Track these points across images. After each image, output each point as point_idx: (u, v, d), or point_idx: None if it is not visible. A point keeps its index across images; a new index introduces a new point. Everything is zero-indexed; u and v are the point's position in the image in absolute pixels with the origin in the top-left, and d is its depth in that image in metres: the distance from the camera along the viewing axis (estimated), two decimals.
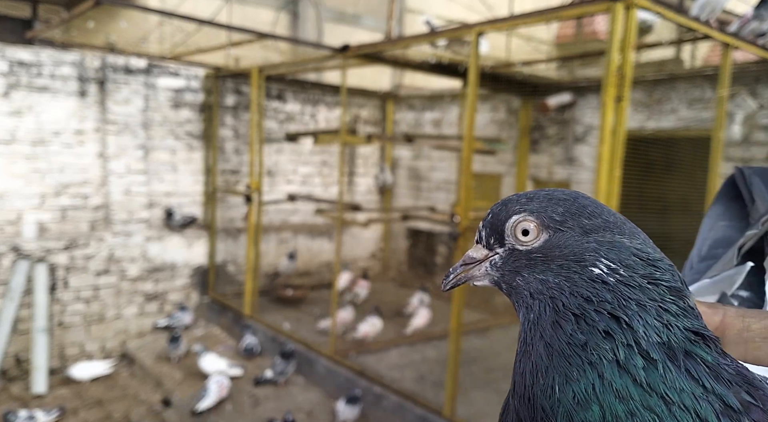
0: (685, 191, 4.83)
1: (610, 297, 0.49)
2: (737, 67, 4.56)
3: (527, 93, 6.39)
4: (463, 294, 4.23)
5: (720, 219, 0.86)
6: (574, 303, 0.49)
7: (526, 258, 0.55)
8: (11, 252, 5.58)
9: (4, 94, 5.57)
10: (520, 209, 0.56)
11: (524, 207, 0.56)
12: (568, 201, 0.56)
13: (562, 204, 0.55)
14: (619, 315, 0.48)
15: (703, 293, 0.73)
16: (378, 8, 9.39)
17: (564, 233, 0.54)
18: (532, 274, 0.54)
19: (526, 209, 0.56)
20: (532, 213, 0.55)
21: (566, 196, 0.56)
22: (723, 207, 0.87)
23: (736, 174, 0.86)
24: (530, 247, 0.55)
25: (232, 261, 7.17)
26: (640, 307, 0.48)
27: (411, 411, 4.39)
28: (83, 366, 5.59)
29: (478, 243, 0.60)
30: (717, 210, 0.88)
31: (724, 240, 0.83)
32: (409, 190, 8.30)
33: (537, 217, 0.55)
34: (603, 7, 3.17)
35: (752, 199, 0.83)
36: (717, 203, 0.88)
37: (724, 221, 0.86)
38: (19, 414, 4.63)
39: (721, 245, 0.83)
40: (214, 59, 6.84)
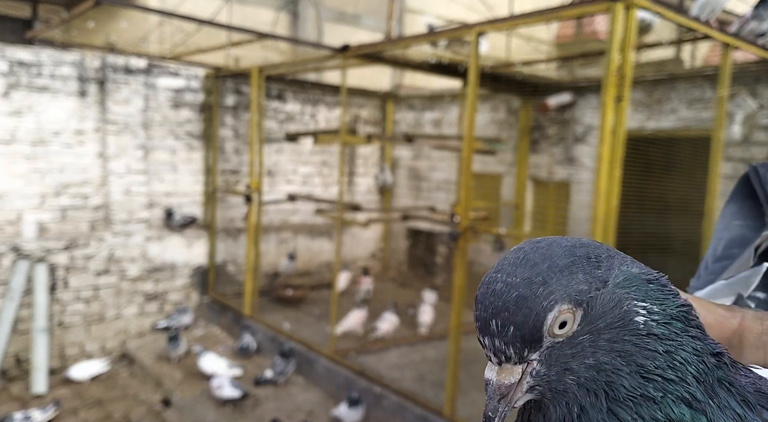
0: (685, 191, 4.83)
1: (662, 350, 0.45)
2: (737, 67, 4.56)
3: (527, 93, 6.39)
4: (463, 294, 4.23)
5: (735, 218, 0.84)
6: (635, 384, 0.44)
7: (570, 346, 0.46)
8: (11, 252, 5.58)
9: (4, 94, 5.57)
10: (548, 304, 0.44)
11: (549, 296, 0.45)
12: (575, 259, 0.47)
13: (574, 267, 0.46)
14: (671, 377, 0.44)
15: (719, 295, 0.71)
16: (378, 8, 9.39)
17: (594, 298, 0.46)
18: (581, 363, 0.45)
19: (553, 298, 0.45)
20: (564, 300, 0.45)
21: (568, 254, 0.47)
22: (737, 205, 0.85)
23: (750, 171, 0.83)
24: (570, 333, 0.46)
25: (232, 261, 7.17)
26: (683, 351, 0.45)
27: (411, 411, 4.39)
28: (81, 366, 5.59)
29: (505, 363, 0.46)
30: (731, 208, 0.85)
31: (740, 240, 0.81)
32: (409, 190, 8.30)
33: (569, 301, 0.45)
34: (603, 7, 3.17)
35: (767, 198, 0.81)
36: (731, 201, 0.86)
37: (738, 220, 0.83)
38: (14, 417, 4.59)
39: (736, 245, 0.81)
40: (214, 59, 6.84)
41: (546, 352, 0.46)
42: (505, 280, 0.46)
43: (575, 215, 6.10)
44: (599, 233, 3.21)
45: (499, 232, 4.71)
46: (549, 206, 6.45)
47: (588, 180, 5.87)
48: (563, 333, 0.45)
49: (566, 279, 0.45)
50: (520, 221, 6.60)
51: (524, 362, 0.46)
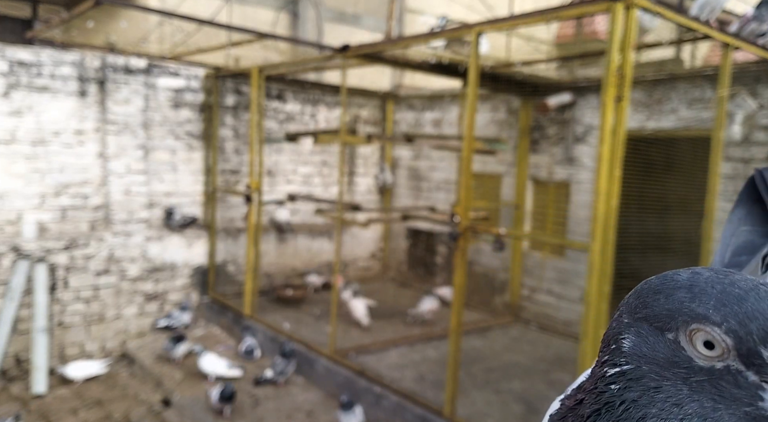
0: (685, 191, 4.82)
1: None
2: (737, 67, 4.56)
3: (527, 93, 6.39)
4: (463, 294, 4.23)
5: (742, 224, 0.83)
6: None
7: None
8: (11, 252, 5.58)
9: (4, 94, 5.57)
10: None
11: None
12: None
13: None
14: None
15: None
16: (378, 8, 9.39)
17: None
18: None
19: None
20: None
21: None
22: (744, 210, 0.84)
23: (756, 176, 0.83)
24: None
25: (232, 261, 7.17)
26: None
27: (411, 411, 4.39)
28: (77, 365, 5.56)
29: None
30: (738, 214, 0.84)
31: (748, 246, 0.81)
32: (409, 190, 8.30)
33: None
34: (603, 7, 3.17)
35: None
36: (738, 206, 0.85)
37: (746, 226, 0.83)
38: None
39: (744, 251, 0.80)
40: (214, 59, 6.84)
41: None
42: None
43: (575, 215, 6.10)
44: (599, 233, 3.21)
45: (499, 232, 4.70)
46: (549, 206, 6.45)
47: (588, 180, 5.86)
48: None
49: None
50: (520, 221, 6.60)
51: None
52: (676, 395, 0.48)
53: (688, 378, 0.48)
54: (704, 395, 0.47)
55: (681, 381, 0.48)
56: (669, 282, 0.51)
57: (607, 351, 0.54)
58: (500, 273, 6.97)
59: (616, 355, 0.52)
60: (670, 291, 0.50)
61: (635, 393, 0.50)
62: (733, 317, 0.46)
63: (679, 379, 0.48)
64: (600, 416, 0.51)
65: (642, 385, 0.50)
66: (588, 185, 5.84)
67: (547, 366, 5.25)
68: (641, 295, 0.53)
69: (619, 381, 0.51)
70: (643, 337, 0.51)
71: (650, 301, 0.51)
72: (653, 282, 0.53)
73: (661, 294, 0.51)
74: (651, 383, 0.49)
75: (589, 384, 0.55)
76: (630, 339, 0.52)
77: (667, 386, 0.49)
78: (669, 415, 0.48)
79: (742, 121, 4.78)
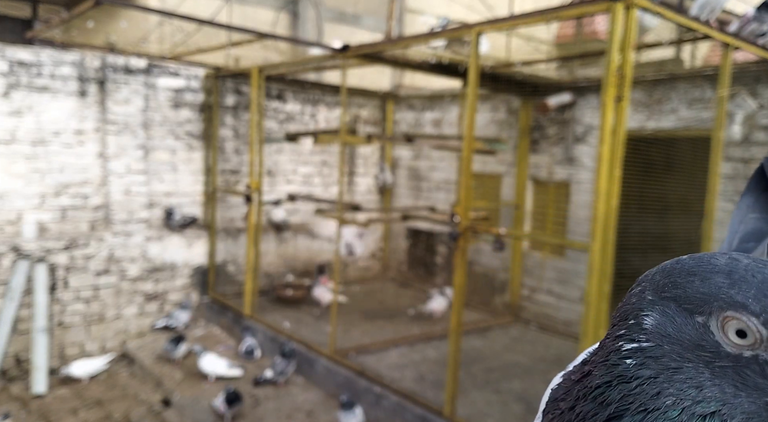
0: (685, 191, 4.83)
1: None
2: (737, 67, 4.56)
3: (527, 93, 6.39)
4: (463, 294, 4.23)
5: (750, 211, 0.84)
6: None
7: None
8: (11, 252, 5.58)
9: (4, 94, 5.57)
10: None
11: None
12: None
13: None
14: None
15: None
16: (378, 8, 9.39)
17: None
18: None
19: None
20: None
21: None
22: (753, 198, 0.85)
23: (764, 163, 0.84)
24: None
25: (232, 261, 7.17)
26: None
27: (411, 411, 4.39)
28: (81, 363, 5.57)
29: None
30: (747, 201, 0.85)
31: (755, 233, 0.81)
32: (409, 190, 8.30)
33: None
34: (603, 7, 3.17)
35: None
36: (747, 194, 0.86)
37: (754, 213, 0.83)
38: None
39: (752, 238, 0.81)
40: (214, 59, 6.84)
41: None
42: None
43: (575, 215, 6.10)
44: (599, 233, 3.21)
45: (499, 232, 4.70)
46: (549, 206, 6.45)
47: (588, 180, 5.86)
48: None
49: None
50: (520, 221, 6.61)
51: None
52: (696, 377, 0.48)
53: (711, 363, 0.48)
54: (726, 381, 0.47)
55: (704, 364, 0.48)
56: (706, 265, 0.50)
57: (623, 325, 0.53)
58: (500, 273, 6.97)
59: (634, 331, 0.51)
60: (706, 274, 0.49)
61: (652, 371, 0.49)
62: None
63: (701, 362, 0.48)
64: (611, 387, 0.51)
65: (661, 364, 0.49)
66: (588, 185, 5.84)
67: (547, 366, 5.25)
68: (671, 275, 0.52)
69: (635, 357, 0.50)
70: (669, 317, 0.50)
71: (682, 282, 0.50)
72: (687, 262, 0.52)
73: (696, 277, 0.50)
74: (671, 363, 0.49)
75: (600, 357, 0.54)
76: (653, 316, 0.51)
77: (689, 368, 0.48)
78: (686, 396, 0.47)
79: (742, 121, 4.78)
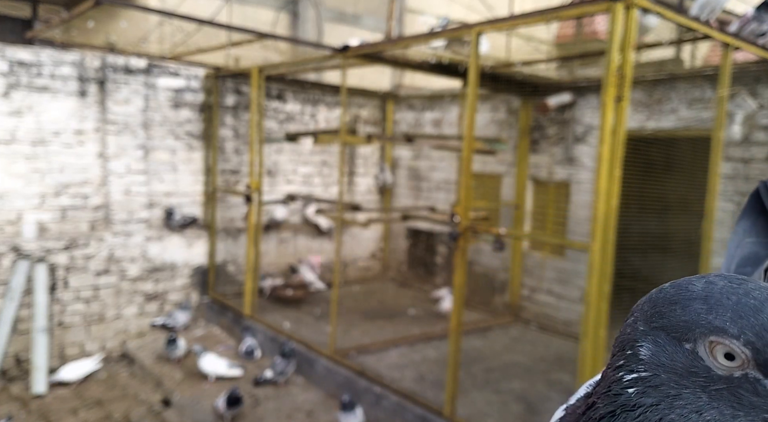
0: (685, 191, 4.83)
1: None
2: (737, 67, 4.56)
3: (527, 93, 6.39)
4: (463, 293, 4.23)
5: (747, 236, 0.85)
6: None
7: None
8: (11, 252, 5.58)
9: (4, 94, 5.57)
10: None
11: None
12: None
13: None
14: None
15: None
16: (378, 8, 9.39)
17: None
18: None
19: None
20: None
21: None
22: (749, 222, 0.86)
23: (760, 187, 0.85)
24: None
25: (232, 261, 7.17)
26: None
27: (411, 411, 4.39)
28: (70, 367, 5.47)
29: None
30: (744, 225, 0.86)
31: (752, 258, 0.82)
32: (409, 190, 8.30)
33: None
34: (603, 7, 3.17)
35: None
36: (744, 218, 0.87)
37: (750, 237, 0.84)
38: None
39: (748, 263, 0.82)
40: (214, 59, 6.84)
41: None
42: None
43: (575, 215, 6.10)
44: (599, 233, 3.21)
45: (499, 232, 4.70)
46: (549, 206, 6.45)
47: (588, 180, 5.86)
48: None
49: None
50: (520, 221, 6.60)
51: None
52: (695, 402, 0.49)
53: (707, 387, 0.49)
54: (723, 403, 0.48)
55: (700, 389, 0.49)
56: (684, 293, 0.51)
57: (621, 355, 0.54)
58: (500, 273, 6.96)
59: (632, 361, 0.53)
60: (685, 301, 0.51)
61: (653, 399, 0.51)
62: (749, 329, 0.47)
63: (698, 387, 0.49)
64: (615, 417, 0.52)
65: (661, 392, 0.50)
66: (588, 185, 5.84)
67: (547, 366, 5.25)
68: (656, 304, 0.53)
69: (636, 386, 0.52)
70: (661, 346, 0.51)
71: (666, 312, 0.52)
72: (668, 291, 0.53)
73: (677, 305, 0.51)
74: (671, 390, 0.50)
75: (602, 388, 0.55)
76: (647, 347, 0.52)
77: (687, 393, 0.49)
78: (688, 421, 0.49)
79: (742, 121, 4.78)
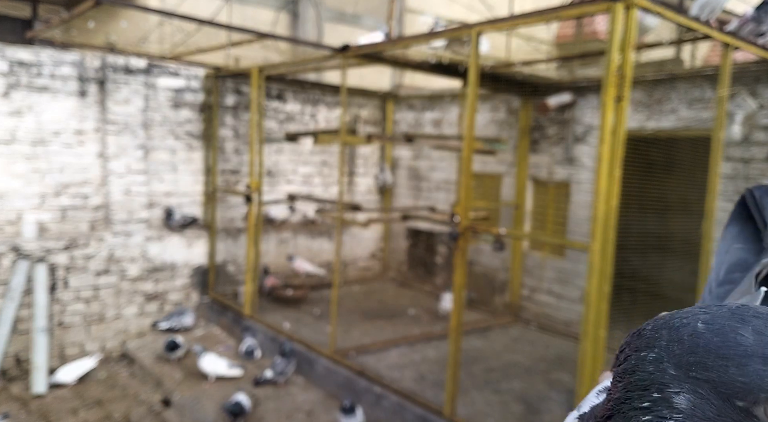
0: (685, 191, 4.83)
1: None
2: (737, 67, 4.56)
3: (527, 93, 6.39)
4: (463, 293, 4.23)
5: (735, 242, 0.84)
6: None
7: None
8: (11, 252, 5.58)
9: (4, 94, 5.57)
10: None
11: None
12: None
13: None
14: None
15: None
16: (378, 8, 9.39)
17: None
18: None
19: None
20: None
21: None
22: (737, 228, 0.85)
23: (746, 195, 0.84)
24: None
25: (232, 261, 7.17)
26: None
27: (411, 411, 4.39)
28: (67, 369, 5.43)
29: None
30: (732, 231, 0.86)
31: (741, 264, 0.82)
32: (409, 190, 8.30)
33: None
34: (603, 7, 3.17)
35: (765, 223, 0.82)
36: (732, 224, 0.86)
37: (738, 243, 0.84)
38: None
39: (737, 269, 0.81)
40: (214, 59, 6.84)
41: None
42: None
43: (575, 215, 6.10)
44: (599, 233, 3.21)
45: (499, 232, 4.71)
46: (549, 206, 6.46)
47: (588, 180, 5.87)
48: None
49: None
50: (520, 221, 6.61)
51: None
52: None
53: None
54: None
55: None
56: (734, 346, 0.46)
57: (644, 397, 0.49)
58: (500, 273, 6.97)
59: (663, 407, 0.48)
60: (740, 359, 0.45)
61: None
62: None
63: None
64: None
65: None
66: (588, 185, 5.84)
67: (547, 366, 5.25)
68: (695, 351, 0.47)
69: None
70: (706, 400, 0.46)
71: (714, 366, 0.46)
72: (709, 339, 0.47)
73: (728, 362, 0.46)
74: None
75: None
76: (686, 397, 0.47)
77: None
78: None
79: (742, 121, 4.79)
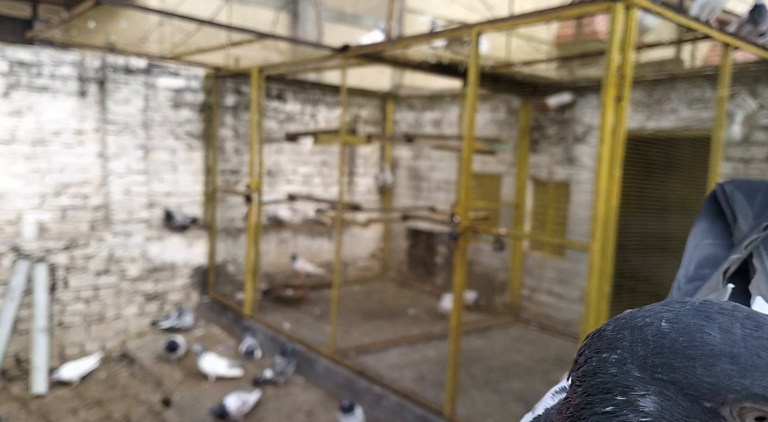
0: (685, 191, 4.83)
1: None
2: (737, 67, 4.56)
3: (527, 93, 6.39)
4: (463, 293, 4.23)
5: (705, 237, 0.84)
6: None
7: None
8: (11, 252, 5.58)
9: (4, 94, 5.57)
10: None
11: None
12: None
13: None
14: None
15: None
16: (378, 8, 9.39)
17: None
18: None
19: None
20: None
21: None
22: (707, 224, 0.85)
23: (717, 190, 0.84)
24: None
25: (232, 261, 7.17)
26: None
27: (411, 411, 4.39)
28: (70, 366, 5.46)
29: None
30: (702, 227, 0.85)
31: (710, 260, 0.81)
32: (409, 190, 8.30)
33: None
34: (603, 7, 3.17)
35: (735, 218, 0.81)
36: (701, 220, 0.85)
37: (708, 239, 0.83)
38: None
39: (707, 265, 0.80)
40: (214, 59, 6.84)
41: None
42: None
43: (575, 215, 6.10)
44: (599, 233, 3.21)
45: (499, 232, 4.71)
46: (549, 206, 6.46)
47: (588, 180, 5.86)
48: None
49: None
50: (520, 221, 6.61)
51: None
52: None
53: None
54: None
55: None
56: (701, 346, 0.45)
57: (608, 401, 0.47)
58: (500, 273, 6.97)
59: (627, 410, 0.46)
60: (707, 359, 0.44)
61: None
62: None
63: None
64: None
65: None
66: (588, 185, 5.84)
67: (547, 366, 5.25)
68: (660, 352, 0.46)
69: None
70: (673, 401, 0.45)
71: (680, 367, 0.45)
72: (675, 339, 0.45)
73: (695, 362, 0.44)
74: None
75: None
76: (652, 399, 0.46)
77: None
78: None
79: (742, 121, 4.79)
